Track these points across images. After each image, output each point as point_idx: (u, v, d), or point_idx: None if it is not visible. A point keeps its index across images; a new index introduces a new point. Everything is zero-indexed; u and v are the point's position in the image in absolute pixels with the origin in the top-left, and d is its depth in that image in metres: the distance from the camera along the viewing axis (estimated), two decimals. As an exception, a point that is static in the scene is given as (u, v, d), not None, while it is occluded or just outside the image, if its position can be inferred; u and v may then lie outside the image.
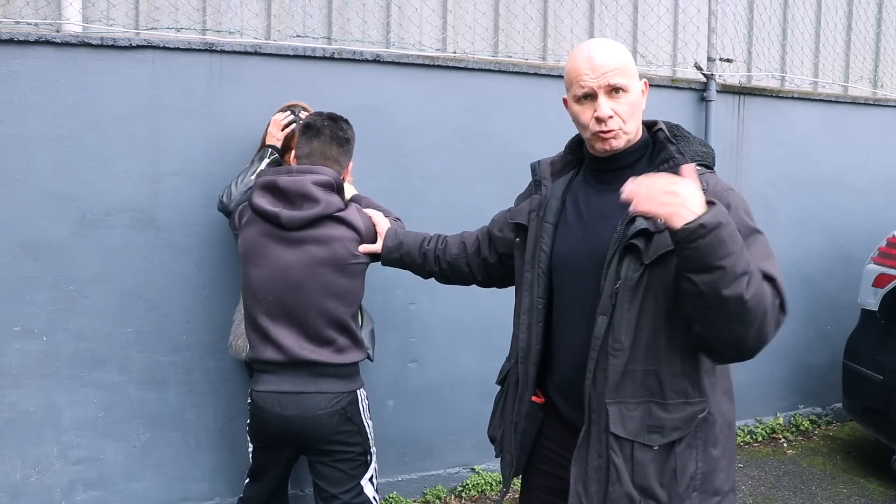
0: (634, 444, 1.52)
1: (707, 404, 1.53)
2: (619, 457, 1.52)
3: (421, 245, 2.19)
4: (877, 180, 4.60)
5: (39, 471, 2.87)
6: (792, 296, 4.34)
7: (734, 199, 1.52)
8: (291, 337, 2.19)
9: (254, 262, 2.22)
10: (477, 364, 3.53)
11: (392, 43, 3.60)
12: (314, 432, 2.21)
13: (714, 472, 1.55)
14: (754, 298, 1.35)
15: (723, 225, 1.31)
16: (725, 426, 1.59)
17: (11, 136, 2.75)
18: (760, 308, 1.37)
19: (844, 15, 4.86)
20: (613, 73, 1.56)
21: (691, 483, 1.52)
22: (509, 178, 3.46)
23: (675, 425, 1.51)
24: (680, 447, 1.52)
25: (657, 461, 1.52)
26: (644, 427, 1.52)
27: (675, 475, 1.51)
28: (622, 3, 4.18)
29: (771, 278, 1.42)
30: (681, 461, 1.52)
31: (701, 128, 4.05)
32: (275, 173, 2.22)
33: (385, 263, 2.27)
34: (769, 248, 1.49)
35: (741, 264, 1.33)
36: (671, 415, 1.51)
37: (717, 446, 1.56)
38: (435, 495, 3.47)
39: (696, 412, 1.52)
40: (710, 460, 1.55)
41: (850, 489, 3.70)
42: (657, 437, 1.51)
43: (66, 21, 2.98)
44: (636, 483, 1.51)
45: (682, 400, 1.52)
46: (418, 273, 2.24)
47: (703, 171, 1.57)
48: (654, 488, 1.51)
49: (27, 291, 2.80)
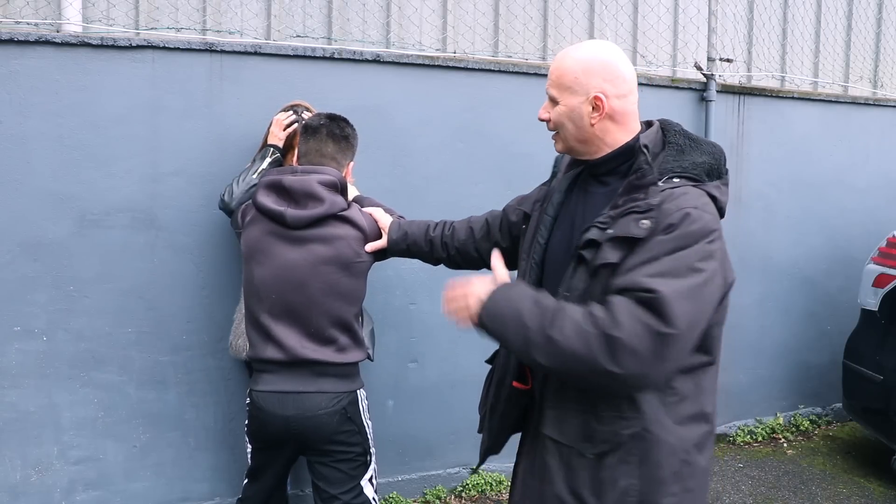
0: (572, 450, 1.56)
1: (643, 423, 1.50)
2: (554, 459, 1.58)
3: (426, 232, 2.20)
4: (877, 180, 4.60)
5: (39, 471, 2.87)
6: (792, 296, 4.41)
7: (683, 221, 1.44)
8: (293, 336, 2.19)
9: (257, 261, 2.22)
10: (477, 364, 3.49)
11: (392, 43, 3.60)
12: (315, 432, 2.21)
13: (659, 493, 1.51)
14: (549, 357, 1.42)
15: (489, 321, 1.50)
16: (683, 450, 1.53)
17: (11, 136, 2.75)
18: (567, 362, 1.40)
19: (844, 15, 4.86)
20: (552, 83, 1.62)
21: (624, 498, 1.51)
22: (509, 178, 3.46)
23: (605, 438, 1.52)
24: (611, 460, 1.52)
25: (589, 469, 1.54)
26: (580, 435, 1.55)
27: (605, 487, 1.52)
28: (622, 3, 4.18)
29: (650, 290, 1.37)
30: (611, 474, 1.51)
31: (701, 128, 4.05)
32: (279, 172, 2.23)
33: (392, 255, 2.28)
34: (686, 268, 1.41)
35: (518, 341, 1.45)
36: (604, 427, 1.52)
37: (665, 468, 1.51)
38: (435, 495, 3.47)
39: (626, 427, 1.50)
40: (653, 480, 1.51)
41: (850, 489, 3.70)
42: (589, 447, 1.54)
43: (66, 21, 2.98)
44: (569, 486, 1.55)
45: (615, 414, 1.51)
46: (427, 261, 2.25)
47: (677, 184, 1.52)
48: (585, 496, 1.54)
49: (27, 291, 2.80)
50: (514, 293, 1.51)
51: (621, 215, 1.49)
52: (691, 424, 1.55)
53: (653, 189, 1.50)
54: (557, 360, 1.42)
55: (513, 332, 1.46)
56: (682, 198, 1.48)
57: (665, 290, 1.37)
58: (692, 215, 1.45)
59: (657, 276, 1.39)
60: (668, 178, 1.54)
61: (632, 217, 1.47)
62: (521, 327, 1.45)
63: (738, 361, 4.27)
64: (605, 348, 1.37)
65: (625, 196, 1.53)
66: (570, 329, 1.40)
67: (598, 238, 1.50)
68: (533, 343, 1.43)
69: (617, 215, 1.50)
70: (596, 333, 1.38)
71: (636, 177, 1.55)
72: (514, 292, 1.52)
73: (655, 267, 1.41)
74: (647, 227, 1.45)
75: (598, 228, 1.51)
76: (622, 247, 1.47)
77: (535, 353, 1.43)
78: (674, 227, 1.43)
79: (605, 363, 1.37)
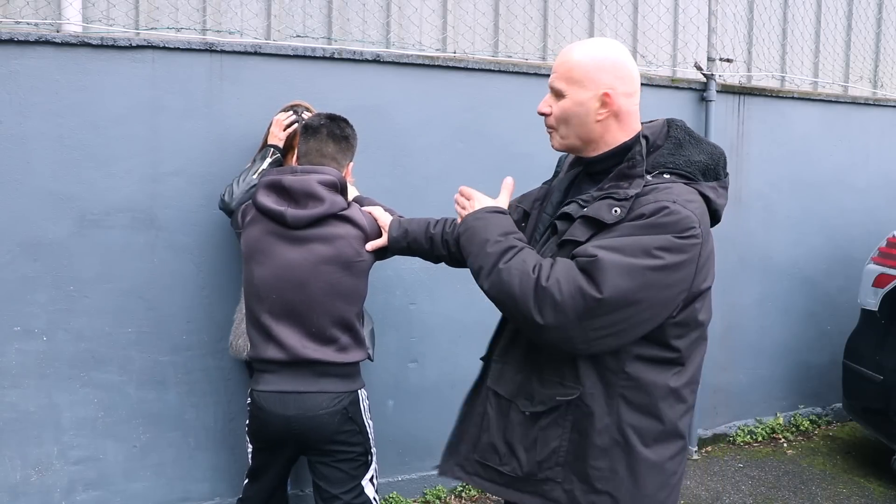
0: (511, 405, 1.64)
1: (580, 393, 1.54)
2: (494, 410, 1.67)
3: (427, 230, 2.19)
4: (877, 180, 4.60)
5: (39, 471, 2.87)
6: (792, 296, 4.41)
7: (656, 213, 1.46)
8: (294, 335, 2.19)
9: (257, 261, 2.22)
10: (477, 364, 3.51)
11: (392, 43, 3.60)
12: (316, 432, 2.21)
13: (587, 462, 1.55)
14: (491, 286, 1.54)
15: (463, 232, 1.66)
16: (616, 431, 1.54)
17: (11, 136, 2.75)
18: (503, 296, 1.51)
19: (844, 15, 4.86)
20: (557, 75, 1.61)
21: (553, 457, 1.58)
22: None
23: (542, 399, 1.59)
24: (544, 421, 1.59)
25: (524, 426, 1.61)
26: (521, 392, 1.63)
27: (536, 444, 1.59)
28: (622, 3, 4.18)
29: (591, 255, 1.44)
30: (543, 434, 1.59)
31: (701, 128, 4.05)
32: (279, 172, 2.23)
33: (393, 253, 2.28)
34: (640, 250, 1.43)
35: (476, 262, 1.59)
36: (544, 389, 1.59)
37: (598, 441, 1.54)
38: (435, 495, 3.47)
39: (564, 394, 1.56)
40: (584, 448, 1.55)
41: (850, 489, 3.70)
42: (527, 405, 1.61)
43: (66, 21, 2.98)
44: (504, 437, 1.64)
45: (556, 380, 1.58)
46: (427, 258, 2.24)
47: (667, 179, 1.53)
48: (517, 448, 1.62)
49: (27, 291, 2.80)
50: (494, 219, 1.64)
51: (601, 198, 1.54)
52: (637, 413, 1.56)
53: (637, 181, 1.54)
54: (496, 291, 1.54)
55: (475, 251, 1.61)
56: (664, 192, 1.50)
57: (604, 257, 1.43)
58: (669, 209, 1.46)
59: (604, 248, 1.45)
60: (659, 172, 1.56)
61: (607, 202, 1.52)
62: (482, 250, 1.58)
63: (738, 361, 4.27)
64: (534, 296, 1.46)
65: (612, 181, 1.58)
66: (516, 269, 1.50)
67: (573, 213, 1.57)
68: (484, 269, 1.56)
69: (598, 197, 1.55)
70: (533, 279, 1.47)
71: (627, 165, 1.57)
72: (495, 219, 1.64)
73: (607, 241, 1.47)
74: (617, 214, 1.50)
75: (578, 205, 1.58)
76: (590, 227, 1.52)
77: (483, 278, 1.56)
78: (644, 216, 1.47)
79: (531, 309, 1.46)
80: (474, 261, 1.60)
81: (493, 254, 1.55)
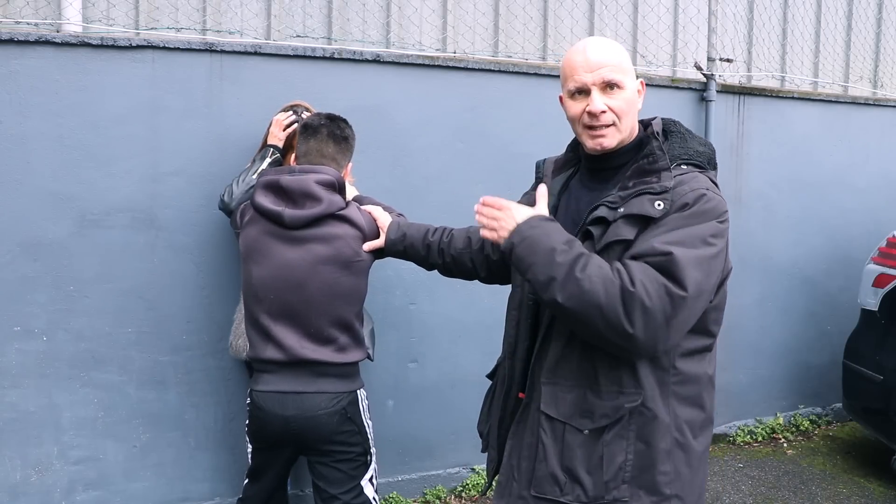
0: (566, 426, 1.55)
1: (642, 398, 1.52)
2: (548, 436, 1.57)
3: (425, 237, 2.17)
4: (877, 180, 4.60)
5: (39, 471, 2.87)
6: (792, 296, 4.41)
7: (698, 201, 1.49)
8: (293, 336, 2.19)
9: (256, 261, 2.22)
10: (477, 364, 3.51)
11: (392, 43, 3.60)
12: (315, 432, 2.21)
13: (653, 470, 1.53)
14: (569, 297, 1.42)
15: (518, 242, 1.50)
16: (675, 430, 1.55)
17: (11, 136, 2.75)
18: (585, 306, 1.41)
19: (844, 15, 4.86)
20: (609, 68, 1.57)
21: (619, 474, 1.52)
22: (509, 178, 3.45)
23: (605, 412, 1.53)
24: (608, 436, 1.52)
25: (585, 446, 1.54)
26: (577, 410, 1.55)
27: (602, 463, 1.52)
28: (622, 3, 4.18)
29: (665, 253, 1.42)
30: (608, 450, 1.52)
31: (701, 128, 4.05)
32: (277, 172, 2.23)
33: (389, 255, 2.27)
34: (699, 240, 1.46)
35: (544, 273, 1.45)
36: (603, 402, 1.53)
37: (660, 446, 1.53)
38: (435, 495, 3.47)
39: (627, 401, 1.52)
40: (648, 457, 1.52)
41: (850, 489, 3.70)
42: (587, 422, 1.54)
43: (66, 21, 2.98)
44: (563, 464, 1.55)
45: (615, 389, 1.53)
46: (421, 264, 2.23)
47: (686, 170, 1.57)
48: (580, 472, 1.53)
49: (27, 291, 2.80)
50: (551, 227, 1.53)
51: (633, 196, 1.52)
52: (688, 407, 1.58)
53: (665, 174, 1.54)
54: (575, 302, 1.42)
55: (541, 263, 1.47)
56: (693, 181, 1.53)
57: (678, 253, 1.41)
58: (707, 195, 1.50)
59: (671, 244, 1.43)
60: (677, 164, 1.58)
61: (646, 197, 1.51)
62: (550, 260, 1.46)
63: (738, 361, 4.27)
64: (622, 302, 1.40)
65: (634, 179, 1.56)
66: (597, 277, 1.42)
67: (608, 216, 1.52)
68: (558, 279, 1.44)
69: (627, 196, 1.53)
70: (618, 285, 1.41)
71: (647, 161, 1.58)
72: (552, 226, 1.54)
73: (670, 236, 1.45)
74: (662, 208, 1.49)
75: (608, 207, 1.53)
76: (636, 224, 1.50)
77: (556, 290, 1.44)
78: (689, 205, 1.48)
79: (621, 317, 1.40)
80: (541, 271, 1.46)
81: (564, 263, 1.45)
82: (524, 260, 1.50)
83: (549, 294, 1.45)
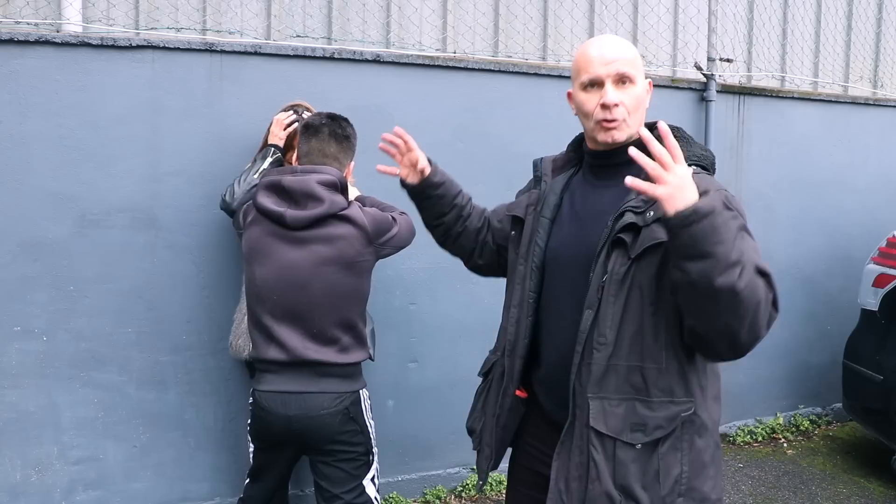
0: (617, 442, 1.48)
1: (694, 405, 1.50)
2: (599, 454, 1.49)
3: (455, 196, 1.96)
4: (877, 180, 4.60)
5: (39, 471, 2.86)
6: (792, 296, 4.40)
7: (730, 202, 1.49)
8: (295, 336, 2.19)
9: (258, 262, 2.22)
10: (477, 364, 3.48)
11: (392, 43, 3.60)
12: (317, 432, 2.21)
13: (702, 477, 1.51)
14: (747, 289, 1.30)
15: (716, 212, 1.28)
16: (715, 432, 1.56)
17: (11, 136, 2.75)
18: (753, 300, 1.31)
19: (844, 15, 4.86)
20: (623, 62, 1.57)
21: (675, 487, 1.48)
22: (509, 177, 3.43)
23: (659, 424, 1.47)
24: (663, 448, 1.48)
25: (639, 461, 1.48)
26: (627, 424, 1.48)
27: (658, 477, 1.47)
28: (622, 3, 4.18)
29: (765, 273, 1.36)
30: (664, 463, 1.47)
31: (701, 128, 4.05)
32: (279, 173, 2.23)
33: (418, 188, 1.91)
34: (757, 247, 1.44)
35: (734, 253, 1.28)
36: (655, 413, 1.48)
37: (706, 451, 1.52)
38: (435, 495, 3.47)
39: (680, 411, 1.48)
40: (698, 465, 1.50)
41: (850, 489, 3.70)
42: (640, 436, 1.47)
43: (66, 21, 2.98)
44: (617, 482, 1.47)
45: (667, 399, 1.48)
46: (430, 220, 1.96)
47: (697, 171, 1.57)
48: (635, 489, 1.46)
49: (27, 291, 2.80)
50: None
51: None
52: (717, 405, 1.60)
53: None
54: (749, 293, 1.30)
55: (730, 241, 1.29)
56: (707, 181, 1.50)
57: (770, 272, 1.37)
58: (727, 192, 1.49)
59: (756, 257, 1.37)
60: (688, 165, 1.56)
61: None
62: (738, 244, 1.31)
63: (737, 361, 4.26)
64: (772, 305, 1.37)
65: None
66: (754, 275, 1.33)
67: (639, 221, 1.48)
68: (745, 265, 1.30)
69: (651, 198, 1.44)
70: (766, 288, 1.35)
71: None
72: None
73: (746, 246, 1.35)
74: None
75: (634, 213, 1.49)
76: None
77: (739, 275, 1.28)
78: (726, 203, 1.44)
79: (765, 319, 1.35)
80: (728, 250, 1.28)
81: (746, 249, 1.33)
82: (712, 234, 1.27)
83: (727, 277, 1.28)
